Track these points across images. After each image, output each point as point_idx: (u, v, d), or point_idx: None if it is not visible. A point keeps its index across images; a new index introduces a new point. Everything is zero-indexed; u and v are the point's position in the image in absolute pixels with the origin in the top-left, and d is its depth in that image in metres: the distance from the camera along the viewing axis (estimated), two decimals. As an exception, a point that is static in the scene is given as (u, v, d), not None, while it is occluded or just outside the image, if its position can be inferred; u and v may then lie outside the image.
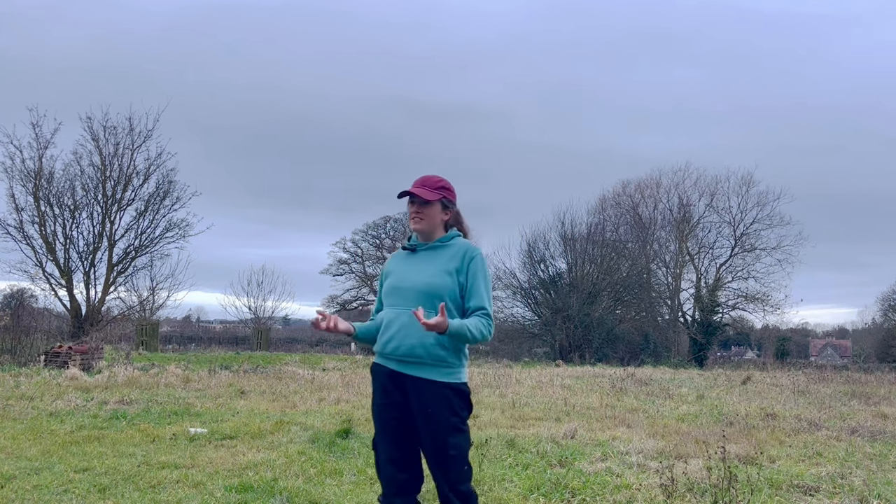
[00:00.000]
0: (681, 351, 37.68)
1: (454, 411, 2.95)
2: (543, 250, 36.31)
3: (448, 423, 2.92)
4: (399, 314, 3.00)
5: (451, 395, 2.95)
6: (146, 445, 6.42)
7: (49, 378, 12.17)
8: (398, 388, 3.00)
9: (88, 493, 4.67)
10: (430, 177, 3.14)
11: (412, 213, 3.09)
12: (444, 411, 2.92)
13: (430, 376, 2.94)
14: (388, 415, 3.02)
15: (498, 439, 6.93)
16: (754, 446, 6.67)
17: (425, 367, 2.94)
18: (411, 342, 2.93)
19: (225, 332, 41.68)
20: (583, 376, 17.31)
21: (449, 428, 2.92)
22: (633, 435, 7.45)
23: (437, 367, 2.94)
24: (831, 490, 5.18)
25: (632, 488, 4.99)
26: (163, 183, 27.36)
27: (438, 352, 2.93)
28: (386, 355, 3.03)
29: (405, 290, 3.02)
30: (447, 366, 2.96)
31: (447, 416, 2.92)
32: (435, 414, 2.91)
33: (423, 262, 3.07)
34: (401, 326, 2.97)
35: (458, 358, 3.00)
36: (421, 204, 3.07)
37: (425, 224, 3.09)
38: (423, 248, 3.13)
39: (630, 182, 42.63)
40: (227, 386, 11.91)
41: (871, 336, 54.69)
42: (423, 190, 3.07)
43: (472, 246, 3.11)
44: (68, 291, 26.05)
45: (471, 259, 3.04)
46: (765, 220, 38.77)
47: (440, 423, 2.91)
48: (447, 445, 2.90)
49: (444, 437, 2.90)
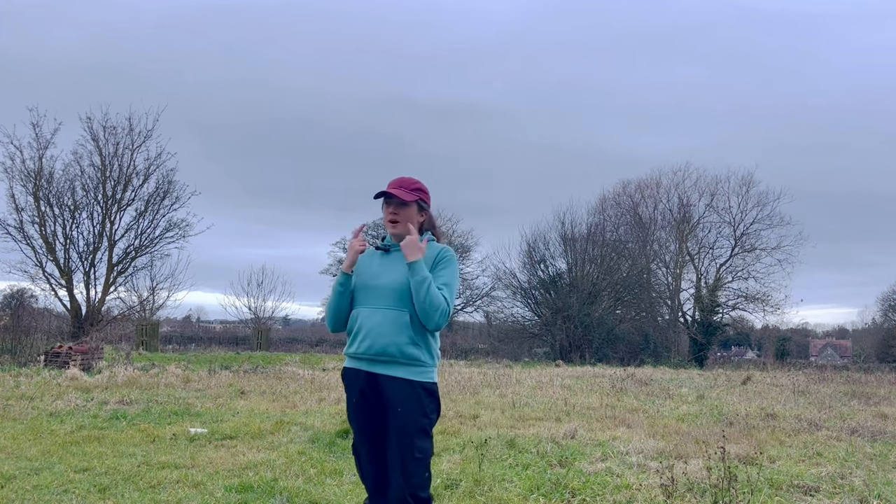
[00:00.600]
0: (681, 351, 37.67)
1: (424, 412, 2.92)
2: (543, 250, 36.33)
3: (417, 423, 2.89)
4: (372, 313, 2.97)
5: (423, 395, 2.92)
6: (146, 445, 6.42)
7: (49, 378, 12.17)
8: (372, 388, 2.97)
9: (88, 493, 4.67)
10: (406, 178, 3.12)
11: (389, 213, 3.06)
12: (415, 412, 2.90)
13: (402, 375, 2.92)
14: (364, 416, 3.00)
15: (498, 439, 6.93)
16: (754, 446, 6.67)
17: (398, 365, 2.92)
18: (384, 341, 2.90)
19: (225, 332, 41.66)
20: (583, 376, 17.31)
21: (417, 429, 2.89)
22: (633, 435, 7.45)
23: (410, 365, 2.92)
24: (831, 490, 5.18)
25: (632, 488, 4.99)
26: (163, 183, 27.38)
27: (411, 350, 2.91)
28: (358, 356, 3.00)
29: (378, 289, 2.99)
30: (419, 364, 2.94)
31: (417, 417, 2.90)
32: (404, 413, 2.89)
33: (397, 262, 3.02)
34: (374, 325, 2.94)
35: (430, 356, 2.99)
36: (398, 205, 3.05)
37: (402, 227, 3.05)
38: (397, 248, 3.08)
39: (630, 182, 42.69)
40: (227, 386, 11.91)
41: (871, 336, 54.68)
42: (401, 191, 3.05)
43: (447, 248, 3.09)
44: (68, 291, 26.07)
45: (443, 258, 3.03)
46: (765, 220, 38.82)
47: (409, 423, 2.88)
48: (413, 447, 2.86)
49: (411, 439, 2.87)
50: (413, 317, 2.92)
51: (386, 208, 3.09)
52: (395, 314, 2.92)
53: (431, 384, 2.97)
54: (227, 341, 35.64)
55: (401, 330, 2.89)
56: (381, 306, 2.95)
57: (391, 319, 2.92)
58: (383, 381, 2.94)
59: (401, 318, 2.92)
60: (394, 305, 2.93)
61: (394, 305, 2.93)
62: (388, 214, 3.07)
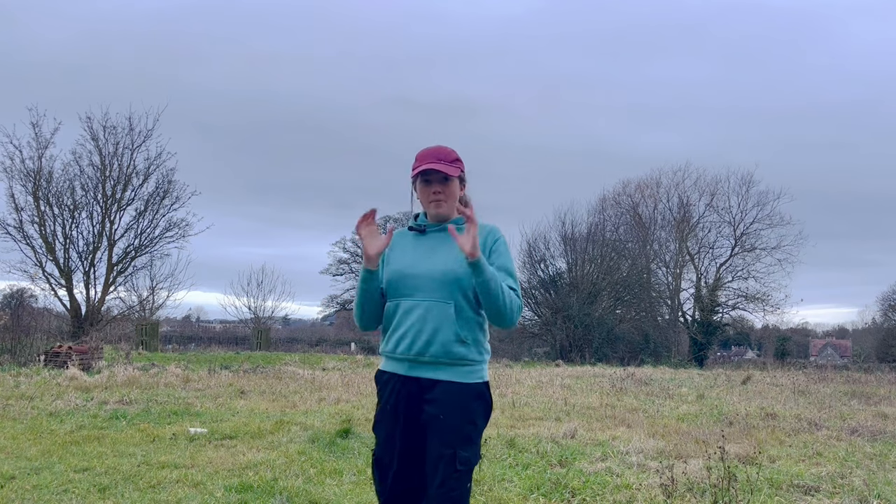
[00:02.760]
0: (681, 351, 37.68)
1: (471, 419, 2.54)
2: (543, 250, 36.37)
3: (462, 432, 2.50)
4: (411, 306, 2.56)
5: (470, 400, 2.55)
6: (146, 445, 6.42)
7: (49, 378, 12.17)
8: (411, 394, 2.58)
9: (88, 493, 4.67)
10: (442, 148, 2.66)
11: (433, 193, 2.62)
12: (460, 418, 2.51)
13: (448, 377, 2.54)
14: (398, 426, 2.58)
15: (498, 439, 6.93)
16: (754, 446, 6.67)
17: (442, 367, 2.55)
18: (426, 339, 2.52)
19: (225, 331, 41.69)
20: (583, 376, 17.31)
21: (462, 438, 2.50)
22: (633, 435, 7.45)
23: (457, 366, 2.55)
24: (831, 490, 5.18)
25: (632, 488, 4.99)
26: (162, 183, 27.37)
27: (458, 349, 2.54)
28: (396, 356, 2.61)
29: (419, 279, 2.57)
30: (467, 364, 2.57)
31: (461, 425, 2.51)
32: (448, 421, 2.50)
33: (435, 245, 2.62)
34: (414, 321, 2.55)
35: (480, 353, 2.61)
36: (441, 181, 2.61)
37: (448, 206, 2.64)
38: (435, 229, 2.66)
39: (630, 182, 42.70)
40: (227, 386, 11.91)
41: (871, 336, 54.69)
42: (444, 165, 2.60)
43: (494, 227, 2.68)
44: (68, 291, 26.05)
45: (495, 240, 2.63)
46: (765, 219, 38.87)
47: (453, 432, 2.49)
48: (456, 459, 2.47)
49: (455, 449, 2.47)
50: (459, 308, 2.54)
51: (425, 187, 2.63)
52: (438, 307, 2.53)
53: (482, 384, 2.60)
54: (226, 341, 35.65)
55: (446, 325, 2.51)
56: (422, 298, 2.55)
57: (434, 313, 2.53)
58: (425, 386, 2.55)
59: (445, 311, 2.53)
60: (436, 296, 2.53)
61: (436, 296, 2.53)
62: (429, 193, 2.62)
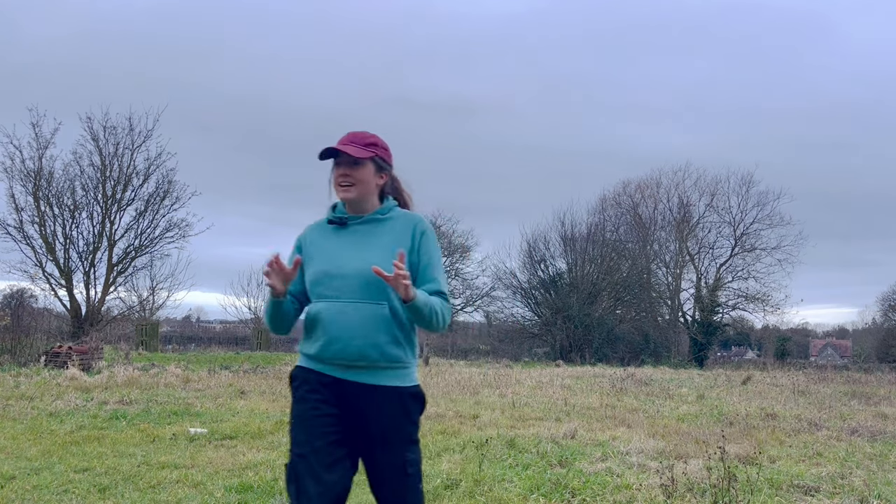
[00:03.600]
0: (681, 351, 37.70)
1: (412, 420, 2.45)
2: (543, 250, 36.40)
3: (406, 435, 2.42)
4: (340, 308, 2.38)
5: (410, 402, 2.44)
6: (146, 445, 6.42)
7: (49, 378, 12.17)
8: (340, 398, 2.41)
9: (88, 493, 4.67)
10: (358, 132, 2.53)
11: (339, 176, 2.48)
12: (403, 422, 2.42)
13: (384, 382, 2.40)
14: (322, 430, 2.38)
15: (498, 439, 6.92)
16: (754, 446, 6.67)
17: (378, 370, 2.39)
18: (360, 343, 2.36)
19: (225, 332, 41.72)
20: (583, 376, 17.31)
21: (407, 442, 2.42)
22: (633, 435, 7.45)
23: (393, 369, 2.41)
24: (831, 490, 5.18)
25: (632, 488, 4.99)
26: (163, 183, 27.37)
27: (394, 351, 2.39)
28: (325, 360, 2.42)
29: (348, 279, 2.40)
30: (403, 366, 2.43)
31: (405, 427, 2.42)
32: (392, 427, 2.39)
33: (360, 240, 2.47)
34: (345, 324, 2.37)
35: (413, 353, 2.48)
36: (350, 164, 2.46)
37: (356, 191, 2.47)
38: (356, 221, 2.51)
39: (630, 182, 42.70)
40: (227, 386, 11.91)
41: (871, 336, 54.70)
42: (352, 147, 2.47)
43: (420, 217, 2.53)
44: (68, 291, 26.06)
45: (422, 234, 2.47)
46: (765, 220, 38.86)
47: (398, 437, 2.40)
48: (406, 463, 2.39)
49: (403, 454, 2.39)
50: (393, 309, 2.39)
51: (334, 171, 2.51)
52: (370, 308, 2.37)
53: (415, 386, 2.48)
54: (226, 341, 35.66)
55: (380, 327, 2.36)
56: (351, 299, 2.38)
57: (367, 315, 2.36)
58: (360, 392, 2.39)
59: (378, 313, 2.37)
60: (367, 297, 2.37)
61: (367, 297, 2.37)
62: (337, 177, 2.49)
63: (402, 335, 2.42)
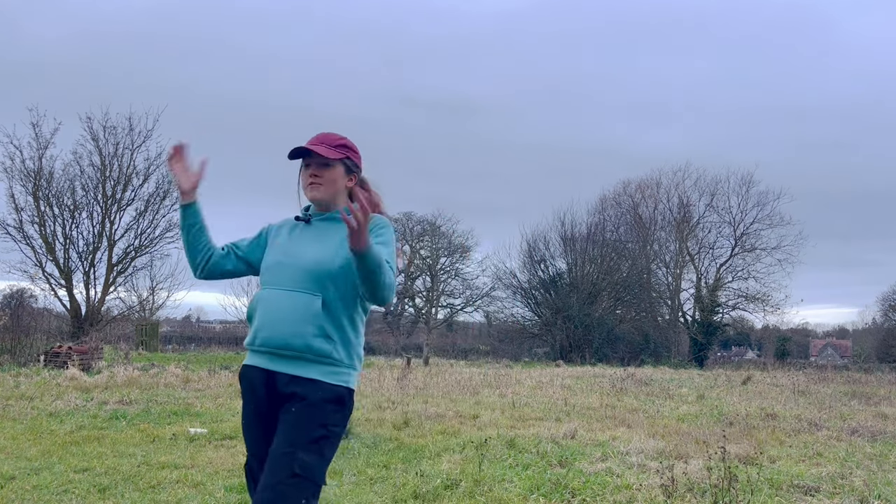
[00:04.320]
0: (681, 351, 37.73)
1: (322, 421, 2.31)
2: (543, 250, 36.44)
3: (309, 433, 2.28)
4: (276, 296, 2.39)
5: (327, 401, 2.33)
6: (146, 445, 6.41)
7: (49, 378, 12.17)
8: (270, 391, 2.39)
9: (88, 494, 4.67)
10: (329, 134, 2.56)
11: (308, 176, 2.51)
12: (311, 416, 2.31)
13: (308, 374, 2.34)
14: (263, 428, 2.40)
15: (498, 439, 6.93)
16: (754, 446, 6.67)
17: (303, 362, 2.35)
18: (287, 331, 2.34)
19: (225, 332, 41.73)
20: (583, 376, 17.31)
21: (307, 439, 2.28)
22: (633, 435, 7.45)
23: (320, 363, 2.35)
24: (831, 490, 5.18)
25: (632, 488, 4.99)
26: (163, 183, 27.32)
27: (321, 344, 2.34)
28: (256, 348, 2.42)
29: (288, 268, 2.42)
30: (332, 363, 2.36)
31: (311, 425, 2.30)
32: (297, 416, 2.31)
33: (317, 235, 2.49)
34: (275, 311, 2.38)
35: (348, 355, 2.41)
36: (319, 165, 2.50)
37: (325, 191, 2.50)
38: (319, 218, 2.54)
39: (630, 182, 42.77)
40: (227, 386, 11.91)
41: (871, 336, 54.72)
42: (322, 147, 2.49)
43: (381, 217, 2.49)
44: (68, 291, 26.05)
45: (381, 227, 2.43)
46: (765, 220, 38.93)
47: (300, 429, 2.29)
48: (294, 460, 2.24)
49: (295, 449, 2.25)
50: (327, 303, 2.36)
51: (304, 170, 2.55)
52: (304, 298, 2.35)
53: (343, 389, 2.37)
54: (226, 341, 35.68)
55: (309, 318, 2.33)
56: (289, 288, 2.38)
57: (298, 305, 2.35)
58: (280, 381, 2.36)
59: (311, 304, 2.34)
60: (304, 287, 2.36)
61: (304, 287, 2.36)
62: (306, 177, 2.52)
63: (333, 330, 2.37)
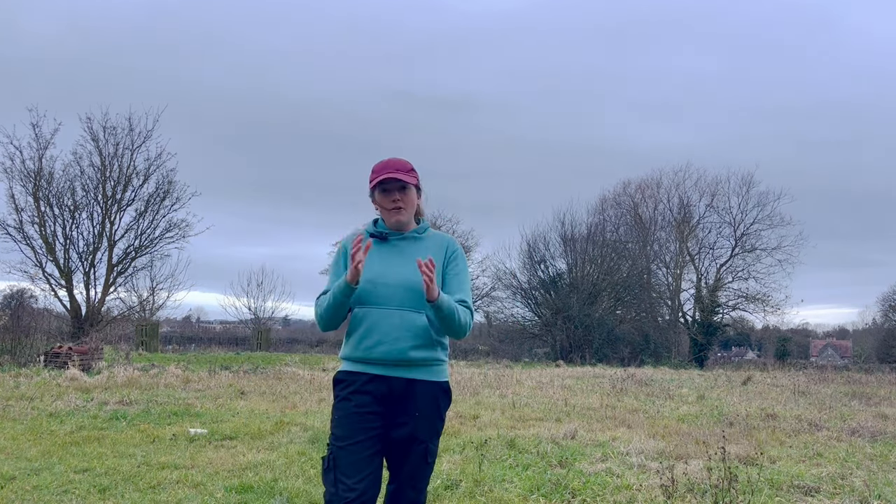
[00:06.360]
0: (681, 351, 37.71)
1: (440, 415, 2.81)
2: (543, 251, 36.39)
3: (433, 427, 2.78)
4: (385, 315, 2.71)
5: (441, 397, 2.81)
6: (146, 446, 6.41)
7: (49, 378, 12.17)
8: (381, 393, 2.73)
9: (88, 494, 4.67)
10: (397, 160, 2.85)
11: (393, 200, 2.79)
12: (433, 415, 2.77)
13: (423, 377, 2.75)
14: (364, 423, 2.69)
15: (498, 440, 6.92)
16: (755, 447, 6.67)
17: (418, 368, 2.75)
18: (403, 346, 2.69)
19: (225, 332, 41.72)
20: (583, 377, 17.31)
21: (433, 433, 2.77)
22: (633, 435, 7.45)
23: (430, 366, 2.78)
24: (832, 490, 5.18)
25: (632, 489, 4.99)
26: (163, 183, 27.34)
27: (430, 353, 2.75)
28: (370, 361, 2.73)
29: (391, 288, 2.72)
30: (438, 363, 2.81)
31: (434, 421, 2.78)
32: (423, 418, 2.73)
33: (401, 255, 2.80)
34: (390, 329, 2.70)
35: (445, 354, 2.85)
36: (400, 190, 2.80)
37: (407, 214, 2.83)
38: (397, 237, 2.85)
39: (630, 182, 42.72)
40: (227, 386, 11.91)
41: (871, 336, 54.69)
42: (402, 174, 2.80)
43: (452, 239, 2.93)
44: (68, 292, 26.05)
45: (453, 253, 2.86)
46: (765, 220, 38.87)
47: (427, 428, 2.75)
48: (427, 453, 2.74)
49: (427, 444, 2.74)
50: (430, 317, 2.74)
51: (384, 196, 2.81)
52: (412, 316, 2.71)
53: (446, 382, 2.85)
54: (226, 341, 35.67)
55: (420, 333, 2.70)
56: (395, 307, 2.71)
57: (409, 322, 2.70)
58: (400, 385, 2.73)
59: (419, 321, 2.71)
60: (408, 306, 2.71)
61: (408, 306, 2.71)
62: (389, 202, 2.80)
63: (437, 338, 2.76)
